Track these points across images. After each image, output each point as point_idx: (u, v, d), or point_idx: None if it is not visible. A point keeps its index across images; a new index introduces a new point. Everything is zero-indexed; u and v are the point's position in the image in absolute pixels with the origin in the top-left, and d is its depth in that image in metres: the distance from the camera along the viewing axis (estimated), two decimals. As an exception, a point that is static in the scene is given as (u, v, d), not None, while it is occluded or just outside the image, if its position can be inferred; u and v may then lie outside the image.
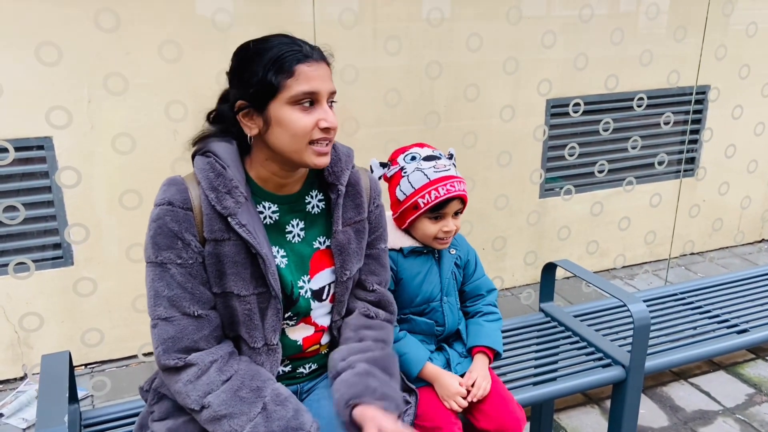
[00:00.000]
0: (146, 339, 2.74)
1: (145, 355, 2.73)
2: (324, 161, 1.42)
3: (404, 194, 1.80)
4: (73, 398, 1.79)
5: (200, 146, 1.47)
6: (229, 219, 1.38)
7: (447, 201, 1.77)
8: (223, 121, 1.48)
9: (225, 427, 1.37)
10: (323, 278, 1.55)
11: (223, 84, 2.64)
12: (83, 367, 2.95)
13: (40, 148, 2.64)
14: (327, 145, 1.41)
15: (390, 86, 3.01)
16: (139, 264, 2.57)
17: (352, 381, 1.48)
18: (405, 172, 1.80)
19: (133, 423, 1.83)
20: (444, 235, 1.81)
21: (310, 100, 1.37)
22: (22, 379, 2.87)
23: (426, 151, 1.84)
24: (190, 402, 1.38)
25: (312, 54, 1.38)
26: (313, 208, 1.55)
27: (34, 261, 2.53)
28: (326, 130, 1.39)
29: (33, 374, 2.85)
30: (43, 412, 1.49)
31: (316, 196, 1.56)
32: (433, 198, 1.76)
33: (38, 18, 2.47)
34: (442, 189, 1.76)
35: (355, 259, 1.57)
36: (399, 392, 1.54)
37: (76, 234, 2.66)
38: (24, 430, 2.57)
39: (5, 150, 2.35)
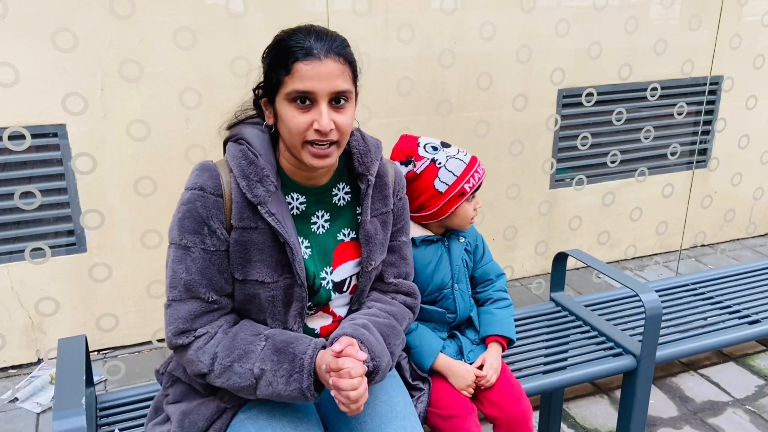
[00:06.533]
0: (160, 325, 2.76)
1: (159, 341, 2.76)
2: (321, 163, 1.38)
3: (446, 184, 1.79)
4: (89, 382, 1.82)
5: (234, 132, 1.47)
6: (259, 207, 1.39)
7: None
8: (258, 106, 1.48)
9: (238, 371, 1.39)
10: (345, 270, 1.55)
11: (237, 72, 2.65)
12: (96, 352, 2.98)
13: (54, 135, 2.66)
14: (328, 147, 1.36)
15: (402, 75, 3.00)
16: (153, 251, 2.60)
17: (345, 326, 1.49)
18: (439, 163, 1.80)
19: (147, 407, 1.86)
20: (476, 213, 1.87)
21: (305, 98, 1.34)
22: (36, 364, 2.91)
23: (432, 139, 1.86)
24: (203, 366, 1.40)
25: (315, 51, 1.32)
26: (339, 200, 1.54)
27: (50, 247, 2.55)
28: (320, 132, 1.34)
29: (49, 359, 2.88)
30: (61, 394, 1.51)
31: (343, 188, 1.55)
32: (477, 180, 1.82)
33: (55, 4, 2.48)
34: (480, 170, 1.84)
35: (380, 250, 1.57)
36: (386, 353, 1.48)
37: (90, 220, 2.68)
38: (38, 414, 2.61)
39: (22, 137, 2.37)
